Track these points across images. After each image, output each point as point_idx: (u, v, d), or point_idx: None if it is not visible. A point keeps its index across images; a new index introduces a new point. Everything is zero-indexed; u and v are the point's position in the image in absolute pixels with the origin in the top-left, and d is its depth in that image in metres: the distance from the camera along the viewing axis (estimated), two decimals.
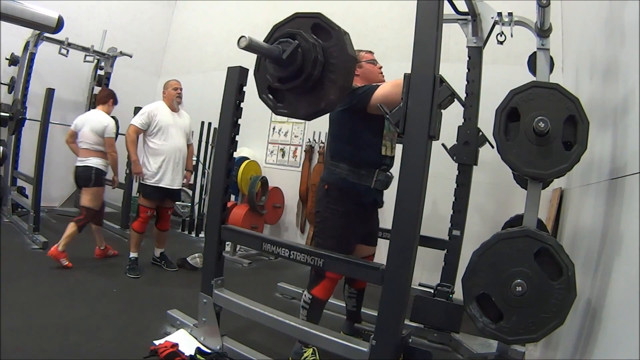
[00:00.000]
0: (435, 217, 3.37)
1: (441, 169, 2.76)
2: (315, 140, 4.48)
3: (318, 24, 1.49)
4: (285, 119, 4.78)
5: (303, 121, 4.64)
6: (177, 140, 3.21)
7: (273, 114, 4.79)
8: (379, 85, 1.87)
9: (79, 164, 3.21)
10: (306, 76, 1.47)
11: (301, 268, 3.45)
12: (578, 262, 1.50)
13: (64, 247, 2.99)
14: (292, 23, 1.54)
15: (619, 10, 1.67)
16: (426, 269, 3.35)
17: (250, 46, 1.35)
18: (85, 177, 3.15)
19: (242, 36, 1.32)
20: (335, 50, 1.47)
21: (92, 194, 3.18)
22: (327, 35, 1.49)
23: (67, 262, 2.98)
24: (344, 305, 2.43)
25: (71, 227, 3.04)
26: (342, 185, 1.95)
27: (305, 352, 1.92)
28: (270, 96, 1.62)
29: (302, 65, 1.46)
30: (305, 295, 1.97)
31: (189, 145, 3.47)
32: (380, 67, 2.14)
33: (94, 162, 3.17)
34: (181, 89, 3.28)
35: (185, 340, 2.02)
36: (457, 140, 2.53)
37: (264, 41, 1.52)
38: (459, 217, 2.54)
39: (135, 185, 3.62)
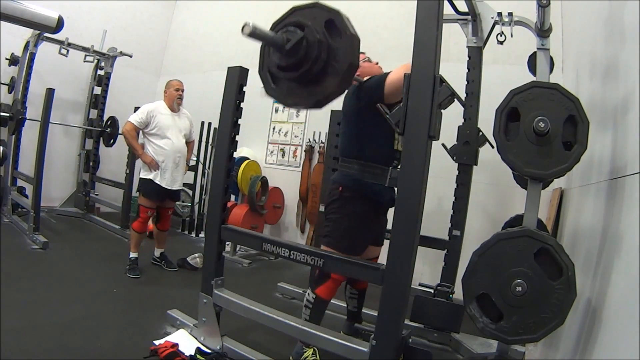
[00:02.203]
0: (435, 217, 3.38)
1: (441, 169, 2.77)
2: (315, 140, 4.48)
3: (332, 22, 1.43)
4: (285, 119, 4.79)
5: (303, 121, 4.65)
6: (176, 141, 3.20)
7: (273, 114, 4.84)
8: (386, 74, 1.83)
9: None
10: (304, 71, 1.43)
11: (301, 268, 3.45)
12: (578, 262, 1.50)
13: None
14: (309, 11, 1.47)
15: (619, 10, 1.67)
16: (426, 269, 3.36)
17: (254, 34, 1.30)
18: None
19: (246, 24, 1.26)
20: (340, 53, 1.42)
21: None
22: (338, 35, 1.43)
23: None
24: (344, 305, 2.43)
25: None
26: (357, 186, 1.90)
27: (305, 352, 1.93)
28: (269, 75, 1.56)
29: (303, 60, 1.42)
30: (308, 294, 1.95)
31: (190, 142, 3.49)
32: (377, 63, 2.11)
33: None
34: (183, 90, 3.28)
35: (185, 340, 2.02)
36: (457, 140, 2.53)
37: (277, 21, 1.48)
38: (459, 217, 2.54)
39: (134, 186, 3.63)
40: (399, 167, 2.00)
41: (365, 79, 1.93)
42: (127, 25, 5.58)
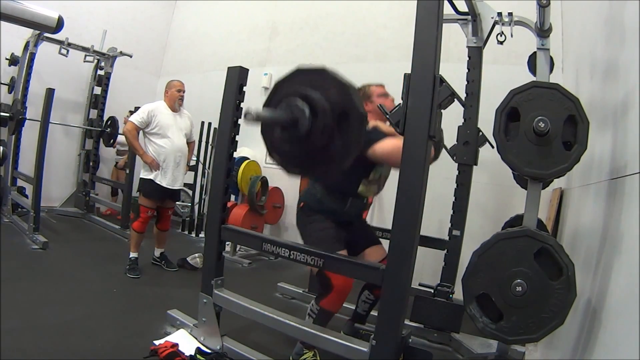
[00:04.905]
0: (435, 217, 3.38)
1: (441, 169, 2.76)
2: None
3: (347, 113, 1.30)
4: None
5: None
6: (176, 140, 3.20)
7: None
8: (386, 135, 1.83)
9: None
10: (306, 150, 1.36)
11: (301, 268, 3.44)
12: (578, 262, 1.50)
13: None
14: (317, 78, 1.35)
15: (619, 10, 1.67)
16: (426, 269, 3.35)
17: (259, 119, 1.22)
18: None
19: (247, 112, 1.15)
20: (351, 137, 1.33)
21: None
22: (347, 122, 1.32)
23: None
24: (347, 306, 2.39)
25: None
26: (316, 206, 2.01)
27: (305, 353, 1.92)
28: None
29: (307, 139, 1.34)
30: (312, 305, 1.93)
31: (191, 143, 3.48)
32: (393, 100, 2.07)
33: None
34: (184, 91, 3.28)
35: (185, 340, 2.02)
36: (457, 140, 2.53)
37: (281, 81, 1.41)
38: (459, 217, 2.54)
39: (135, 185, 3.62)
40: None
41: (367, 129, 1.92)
42: (127, 25, 5.58)
